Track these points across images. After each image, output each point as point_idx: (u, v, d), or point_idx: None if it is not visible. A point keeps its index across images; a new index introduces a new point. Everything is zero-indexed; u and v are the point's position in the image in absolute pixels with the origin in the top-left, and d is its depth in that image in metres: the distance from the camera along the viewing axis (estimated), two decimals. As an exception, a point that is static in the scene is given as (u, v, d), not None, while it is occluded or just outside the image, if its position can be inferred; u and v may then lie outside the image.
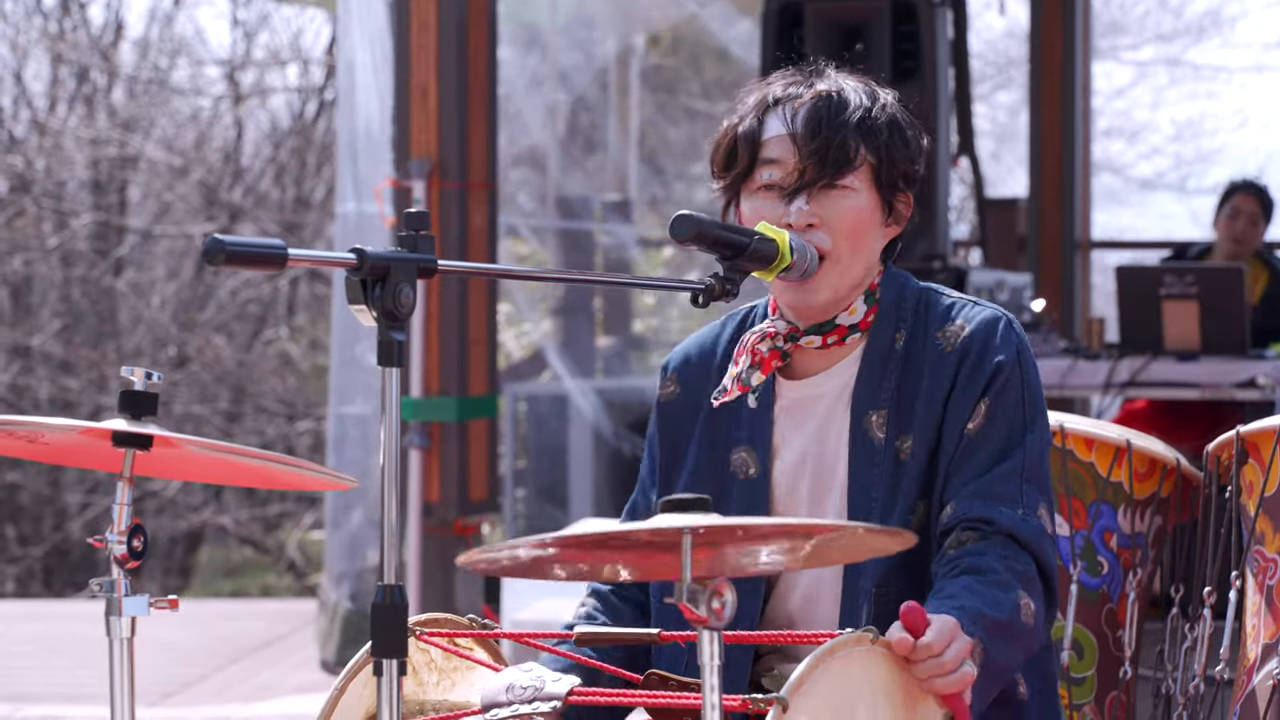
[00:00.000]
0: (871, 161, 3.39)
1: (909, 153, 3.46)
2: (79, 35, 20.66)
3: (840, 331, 3.45)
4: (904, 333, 3.45)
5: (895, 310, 3.47)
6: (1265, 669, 4.35)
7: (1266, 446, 4.44)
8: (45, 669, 8.05)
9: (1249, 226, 9.42)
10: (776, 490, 3.50)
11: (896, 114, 3.47)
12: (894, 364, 3.43)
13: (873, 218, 3.41)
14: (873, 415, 3.42)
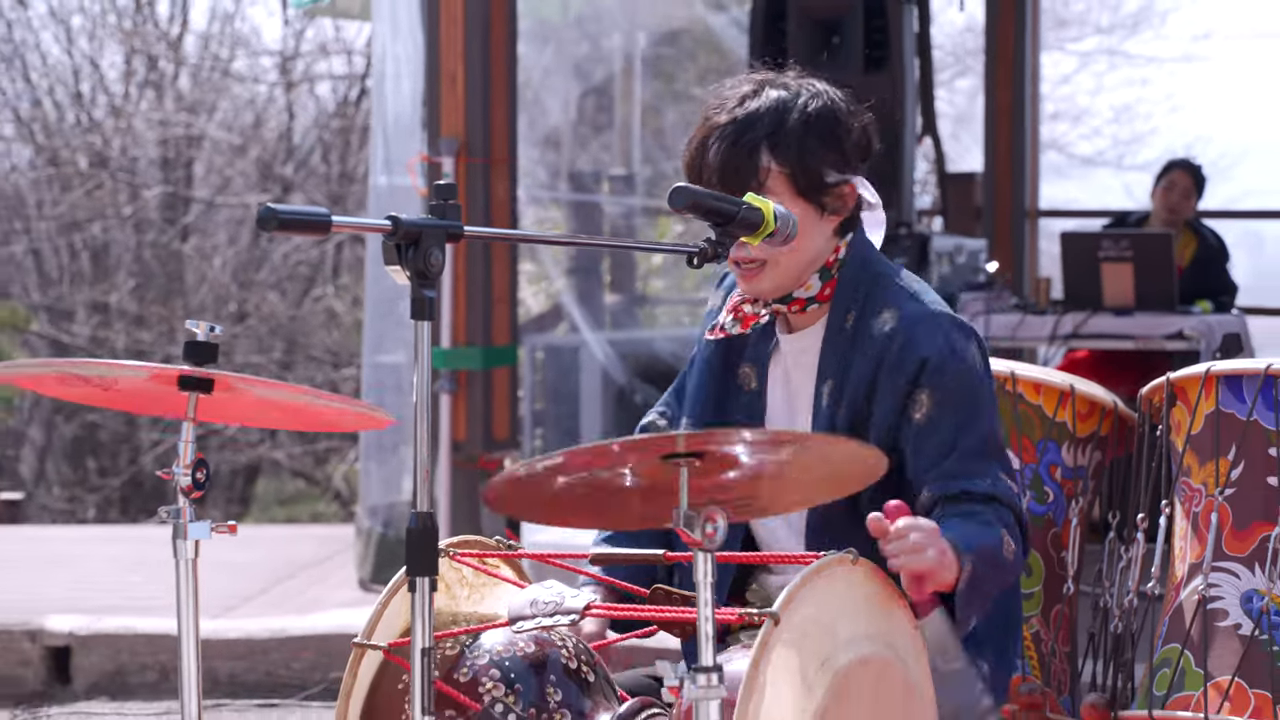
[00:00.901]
0: (785, 172, 3.35)
1: (832, 153, 3.39)
2: (148, 29, 20.61)
3: (799, 302, 3.45)
4: (854, 313, 3.43)
5: (851, 289, 3.45)
6: (1191, 585, 4.34)
7: (1193, 390, 4.44)
8: (122, 586, 8.05)
9: (1182, 199, 9.44)
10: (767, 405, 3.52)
11: (819, 119, 3.40)
12: (844, 341, 3.42)
13: (801, 223, 3.30)
14: (825, 385, 3.43)
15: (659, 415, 3.72)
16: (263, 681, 6.95)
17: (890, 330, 3.38)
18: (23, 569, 8.59)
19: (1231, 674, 4.22)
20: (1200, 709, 4.22)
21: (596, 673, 3.13)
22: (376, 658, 3.09)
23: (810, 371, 3.46)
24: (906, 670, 3.03)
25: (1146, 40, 24.45)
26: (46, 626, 7.13)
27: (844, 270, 3.46)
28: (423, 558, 2.74)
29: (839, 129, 3.41)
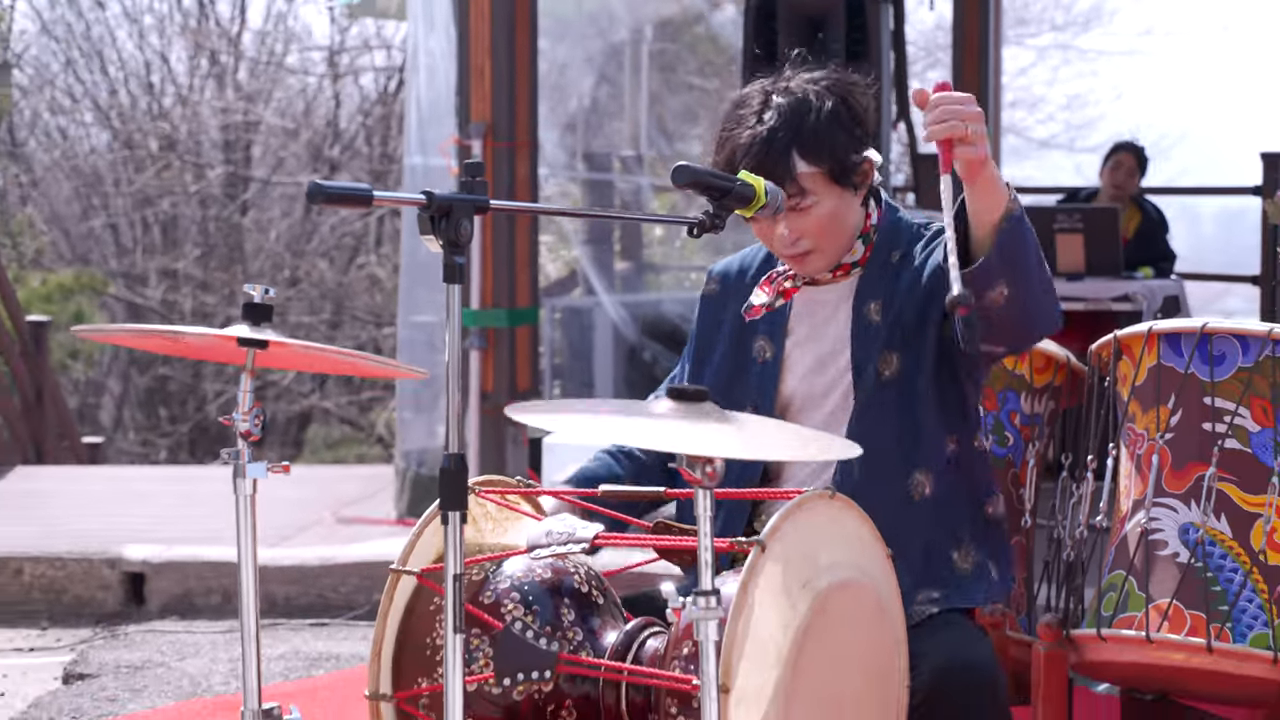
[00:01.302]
0: (819, 170, 3.34)
1: (852, 138, 3.39)
2: (211, 27, 20.63)
3: (845, 268, 3.47)
4: (899, 251, 3.48)
5: (891, 237, 3.49)
6: (1134, 519, 4.34)
7: (1136, 346, 4.43)
8: (189, 519, 8.06)
9: (1127, 177, 9.43)
10: (785, 368, 3.51)
11: (834, 112, 3.39)
12: (889, 271, 3.45)
13: (839, 206, 3.38)
14: (871, 304, 3.44)
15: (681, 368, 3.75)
16: (314, 603, 6.97)
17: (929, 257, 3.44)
18: (103, 504, 8.61)
19: (1170, 597, 4.22)
20: (1142, 628, 4.22)
21: (605, 595, 3.13)
22: (411, 582, 3.09)
23: (842, 308, 3.48)
24: (878, 592, 3.04)
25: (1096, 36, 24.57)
26: (124, 555, 7.15)
27: (880, 233, 3.50)
28: (453, 494, 2.74)
29: (852, 115, 3.41)
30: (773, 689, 2.80)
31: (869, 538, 3.04)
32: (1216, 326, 4.31)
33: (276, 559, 7.08)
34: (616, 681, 3.00)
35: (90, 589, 7.11)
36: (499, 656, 3.00)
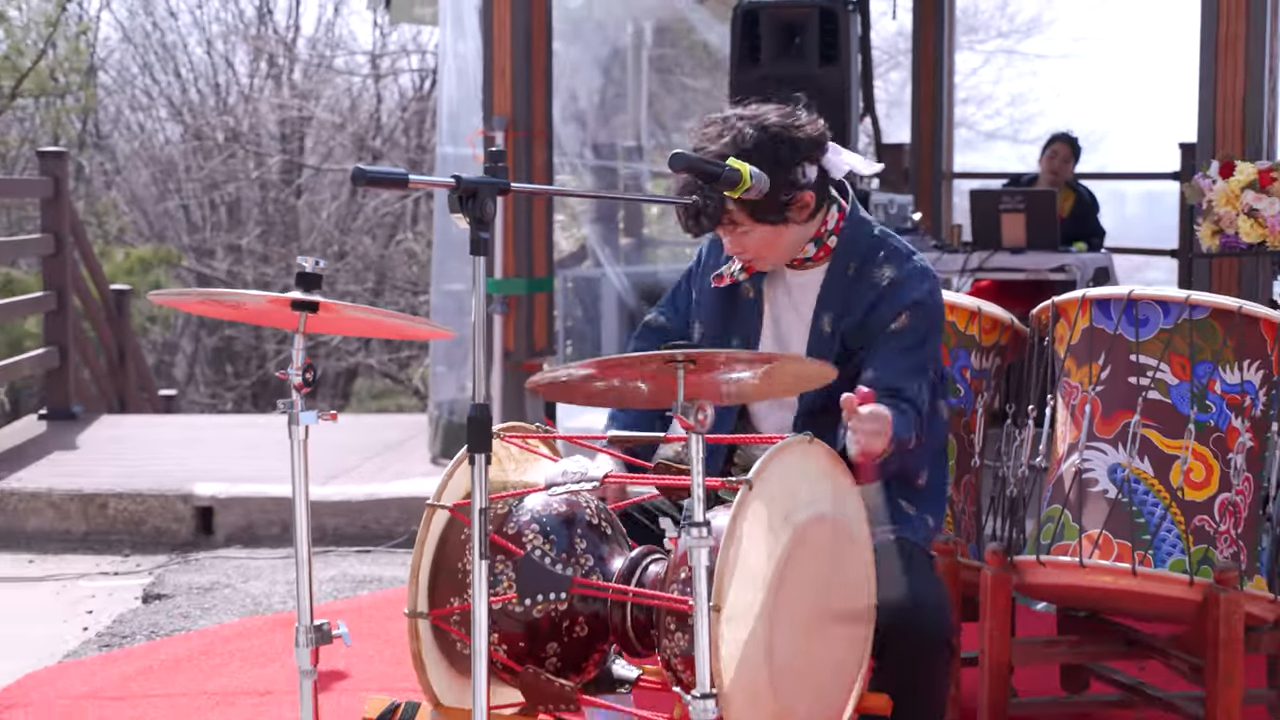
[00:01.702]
0: (744, 211, 3.32)
1: (784, 180, 3.31)
2: (269, 34, 20.60)
3: (799, 261, 3.48)
4: (854, 264, 3.46)
5: (851, 247, 3.47)
6: (1069, 460, 4.34)
7: (1071, 311, 4.43)
8: (251, 460, 8.05)
9: (1063, 164, 9.43)
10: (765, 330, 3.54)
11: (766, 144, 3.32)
12: (845, 284, 3.45)
13: (770, 234, 3.37)
14: (825, 315, 3.45)
15: (658, 313, 3.77)
16: (359, 534, 6.97)
17: (891, 279, 3.43)
18: (177, 448, 8.61)
19: (1100, 528, 4.21)
20: (1076, 555, 4.22)
21: (613, 526, 3.13)
22: (445, 515, 3.09)
23: (808, 303, 3.50)
24: (849, 525, 3.04)
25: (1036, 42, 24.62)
26: (195, 491, 7.15)
27: (843, 233, 3.48)
28: (480, 439, 2.74)
29: (788, 155, 3.34)
30: (758, 608, 2.81)
31: (842, 478, 3.04)
32: (1141, 293, 4.30)
33: (326, 495, 7.08)
34: (622, 602, 3.00)
35: (166, 521, 7.12)
36: (520, 580, 3.00)
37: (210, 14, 20.92)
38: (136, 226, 20.07)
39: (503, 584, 3.00)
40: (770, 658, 2.83)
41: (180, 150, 20.45)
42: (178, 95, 20.69)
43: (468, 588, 3.02)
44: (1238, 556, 4.18)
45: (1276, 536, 4.39)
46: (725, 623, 2.74)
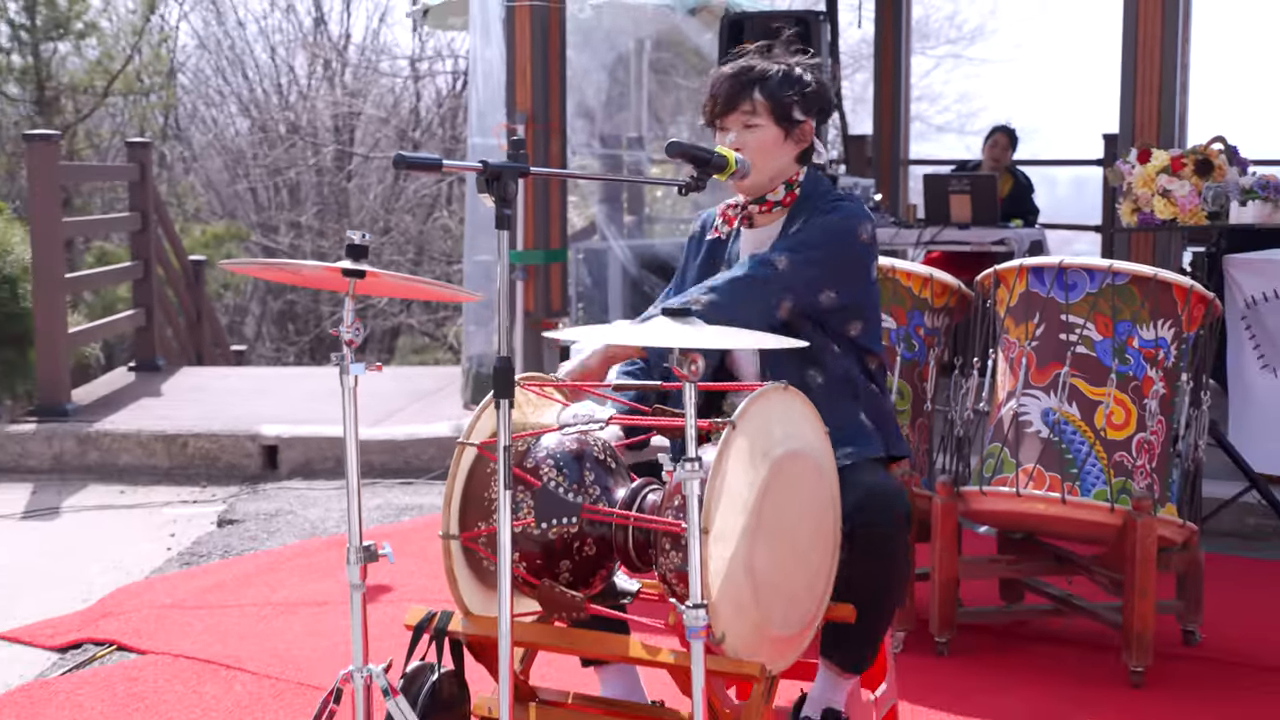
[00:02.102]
0: (767, 103, 3.35)
1: (804, 101, 3.39)
2: (324, 41, 20.54)
3: (769, 204, 3.43)
4: (805, 216, 3.42)
5: (810, 199, 3.44)
6: (1008, 405, 4.34)
7: (1010, 277, 4.43)
8: (310, 406, 8.05)
9: (1002, 152, 9.41)
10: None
11: (794, 73, 3.40)
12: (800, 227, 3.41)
13: (775, 140, 3.37)
14: None
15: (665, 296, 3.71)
16: (401, 467, 6.98)
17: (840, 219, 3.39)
18: (247, 395, 8.61)
19: (1034, 462, 4.22)
20: (1014, 486, 4.22)
21: (616, 461, 3.12)
22: (473, 452, 3.08)
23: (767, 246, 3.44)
24: (818, 459, 3.03)
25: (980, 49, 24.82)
26: (262, 432, 7.16)
27: (803, 187, 3.45)
28: (504, 386, 2.73)
29: (801, 84, 3.39)
30: (741, 530, 2.81)
31: (812, 419, 3.03)
32: (1070, 262, 4.30)
33: (374, 435, 7.08)
34: (625, 525, 3.00)
35: (237, 457, 7.13)
36: (538, 507, 3.00)
37: (274, 24, 20.97)
38: (210, 206, 20.04)
39: (522, 510, 3.00)
40: (751, 572, 2.83)
41: (248, 141, 20.42)
42: (245, 94, 20.65)
43: (493, 514, 3.02)
44: (1152, 487, 4.18)
45: (1185, 470, 4.39)
46: (713, 543, 2.74)
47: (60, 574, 5.39)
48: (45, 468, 7.22)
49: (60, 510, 6.44)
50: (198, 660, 4.34)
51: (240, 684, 4.16)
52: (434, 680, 3.10)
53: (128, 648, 4.49)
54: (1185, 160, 5.58)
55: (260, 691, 4.09)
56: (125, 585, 5.20)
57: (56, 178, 8.04)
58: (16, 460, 7.24)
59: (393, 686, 2.94)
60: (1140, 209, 5.65)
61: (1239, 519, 5.71)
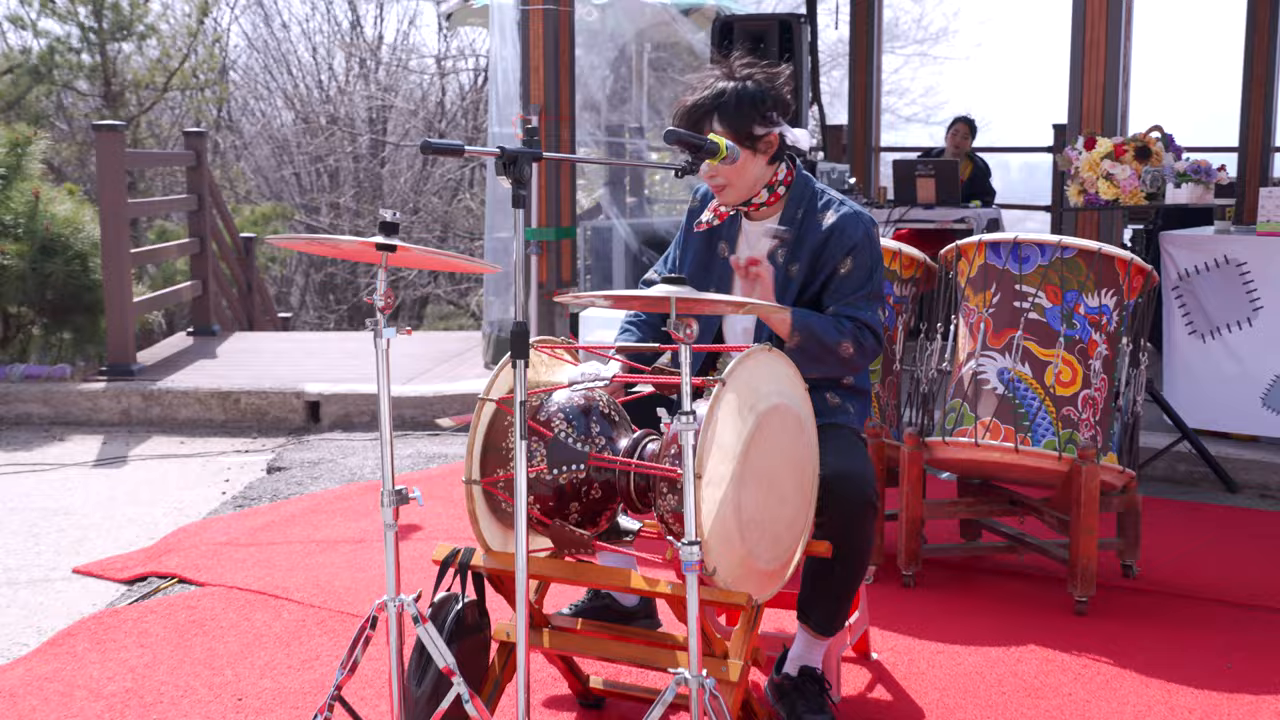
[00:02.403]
0: (728, 130, 3.24)
1: (761, 117, 3.26)
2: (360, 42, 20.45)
3: (755, 205, 3.37)
4: (802, 210, 3.36)
5: (800, 197, 3.37)
6: (968, 365, 4.33)
7: (970, 251, 4.41)
8: (349, 366, 8.04)
9: (962, 139, 9.37)
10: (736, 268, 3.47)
11: (747, 90, 3.26)
12: (794, 227, 3.36)
13: (744, 160, 3.26)
14: (780, 251, 3.37)
15: (655, 273, 3.66)
16: (430, 421, 6.97)
17: (831, 225, 3.32)
18: (292, 357, 8.60)
19: (991, 416, 4.21)
20: (973, 437, 4.22)
21: (620, 415, 3.12)
22: (492, 407, 3.08)
23: (765, 243, 3.40)
24: (799, 412, 3.02)
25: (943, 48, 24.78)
26: (306, 389, 7.15)
27: (791, 187, 3.37)
28: (520, 348, 2.73)
29: (759, 99, 3.27)
30: (729, 475, 2.80)
31: (794, 377, 3.02)
32: (1024, 238, 4.29)
33: (405, 391, 7.07)
34: (627, 471, 3.00)
35: (284, 412, 7.12)
36: (549, 455, 3.00)
37: (315, 26, 20.89)
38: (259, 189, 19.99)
39: (536, 458, 3.00)
40: (739, 513, 2.83)
41: (292, 131, 20.36)
42: (290, 89, 20.58)
43: (510, 461, 3.02)
44: (1095, 438, 4.18)
45: (1124, 423, 4.39)
46: (705, 487, 2.74)
47: (127, 515, 5.40)
48: (114, 421, 7.22)
49: (127, 459, 6.44)
50: (249, 591, 4.34)
51: (287, 612, 4.16)
52: (458, 609, 3.11)
53: (188, 580, 4.50)
54: (1126, 147, 5.55)
55: (305, 618, 4.10)
56: (185, 525, 5.20)
57: (122, 164, 8.01)
58: (89, 415, 7.24)
59: (422, 614, 2.94)
60: (1086, 190, 5.62)
61: (1172, 466, 5.71)
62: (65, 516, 5.38)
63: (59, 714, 3.45)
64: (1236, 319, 5.72)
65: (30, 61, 14.96)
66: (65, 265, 8.30)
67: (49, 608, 4.31)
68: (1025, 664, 3.72)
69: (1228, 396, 5.76)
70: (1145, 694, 3.53)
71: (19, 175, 8.44)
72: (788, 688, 3.25)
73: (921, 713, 3.42)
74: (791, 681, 3.25)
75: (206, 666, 3.74)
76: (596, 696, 3.42)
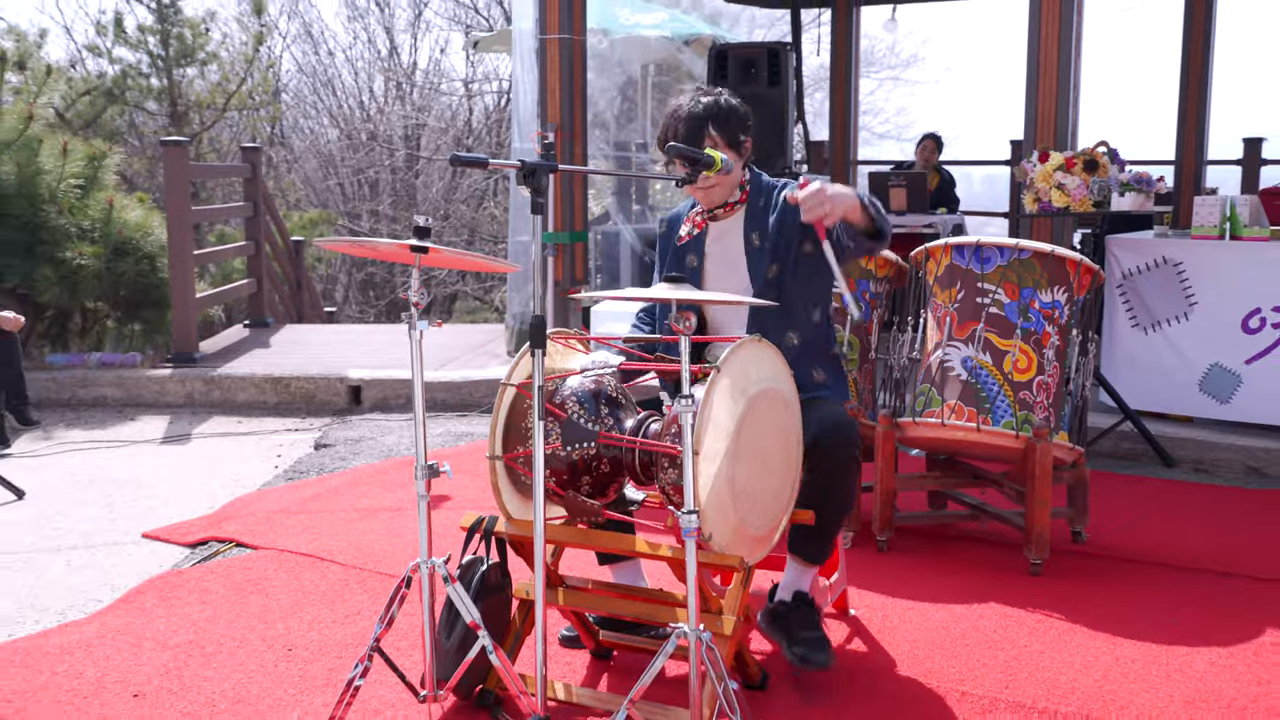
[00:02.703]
0: (721, 136, 3.29)
1: (742, 126, 3.32)
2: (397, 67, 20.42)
3: (730, 205, 3.38)
4: (763, 199, 3.37)
5: (759, 191, 3.39)
6: (935, 354, 4.32)
7: (938, 253, 4.39)
8: (387, 354, 8.03)
9: (930, 154, 9.36)
10: (705, 272, 3.44)
11: (729, 104, 3.32)
12: (761, 213, 3.37)
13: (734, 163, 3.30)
14: (754, 234, 3.36)
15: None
16: (458, 403, 6.96)
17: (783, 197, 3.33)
18: (336, 346, 8.59)
19: (956, 399, 4.20)
20: (940, 418, 4.21)
21: (626, 398, 3.11)
22: (513, 390, 3.07)
23: (737, 235, 3.40)
24: (785, 396, 3.01)
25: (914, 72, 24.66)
26: (348, 375, 7.14)
27: (751, 185, 3.40)
28: (538, 339, 2.72)
29: (738, 114, 3.33)
30: (723, 451, 2.79)
31: (780, 363, 3.01)
32: (985, 241, 4.27)
33: (436, 377, 7.06)
34: (632, 448, 2.99)
35: (329, 395, 7.12)
36: (563, 433, 2.99)
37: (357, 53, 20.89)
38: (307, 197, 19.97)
39: (552, 436, 2.99)
40: (732, 485, 2.82)
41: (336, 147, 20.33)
42: (335, 109, 20.55)
43: (529, 439, 3.01)
44: (1048, 419, 4.17)
45: (1074, 405, 4.37)
46: (702, 462, 2.73)
47: (191, 487, 5.40)
48: (179, 403, 7.22)
49: (190, 437, 6.44)
50: (298, 554, 4.34)
51: (332, 572, 4.16)
52: (483, 570, 3.11)
53: (244, 544, 4.50)
54: (1076, 160, 5.53)
55: (347, 578, 4.10)
56: (241, 495, 5.20)
57: (186, 176, 8.00)
58: (156, 397, 7.24)
59: (451, 574, 2.93)
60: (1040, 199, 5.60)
61: (1116, 444, 5.70)
62: (136, 487, 5.38)
63: (130, 662, 3.45)
64: (1175, 313, 5.70)
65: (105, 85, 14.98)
66: (136, 265, 8.30)
67: (121, 568, 4.31)
68: (986, 619, 3.71)
69: (1167, 382, 5.74)
70: (1093, 645, 3.52)
71: (96, 186, 8.45)
72: (782, 611, 3.23)
73: (894, 662, 3.41)
74: (785, 605, 3.24)
75: (260, 620, 3.74)
76: (605, 648, 3.41)
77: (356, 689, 2.93)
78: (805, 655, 3.13)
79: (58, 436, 6.45)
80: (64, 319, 8.93)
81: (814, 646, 3.14)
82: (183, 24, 15.39)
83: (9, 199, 8.02)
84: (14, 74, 11.99)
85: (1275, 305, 5.49)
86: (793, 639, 3.17)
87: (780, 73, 7.67)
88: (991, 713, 3.11)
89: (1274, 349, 5.51)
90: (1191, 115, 9.12)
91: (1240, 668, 3.37)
